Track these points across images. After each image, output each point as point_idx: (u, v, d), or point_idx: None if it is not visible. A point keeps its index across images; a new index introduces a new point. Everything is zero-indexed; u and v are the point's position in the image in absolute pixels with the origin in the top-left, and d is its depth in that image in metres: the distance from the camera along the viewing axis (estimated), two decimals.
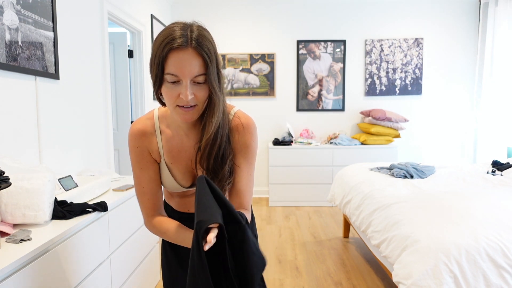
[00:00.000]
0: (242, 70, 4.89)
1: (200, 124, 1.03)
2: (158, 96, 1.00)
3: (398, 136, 4.63)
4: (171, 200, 1.20)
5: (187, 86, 0.90)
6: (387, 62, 4.84)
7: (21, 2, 1.79)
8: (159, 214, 1.10)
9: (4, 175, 1.25)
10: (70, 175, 1.79)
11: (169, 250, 1.22)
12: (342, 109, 4.92)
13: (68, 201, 1.59)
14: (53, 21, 2.08)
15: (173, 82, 0.92)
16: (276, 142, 4.69)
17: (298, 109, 4.94)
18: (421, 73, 4.83)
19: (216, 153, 1.01)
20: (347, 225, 3.45)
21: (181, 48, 0.89)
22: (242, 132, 1.06)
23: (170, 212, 1.21)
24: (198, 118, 1.01)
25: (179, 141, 1.08)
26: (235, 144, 1.06)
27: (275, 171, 4.56)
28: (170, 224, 1.05)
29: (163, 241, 1.26)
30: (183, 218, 1.17)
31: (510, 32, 4.22)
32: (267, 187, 5.03)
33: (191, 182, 1.11)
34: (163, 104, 1.03)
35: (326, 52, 4.86)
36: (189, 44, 0.89)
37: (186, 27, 0.92)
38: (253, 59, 4.88)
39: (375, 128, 4.53)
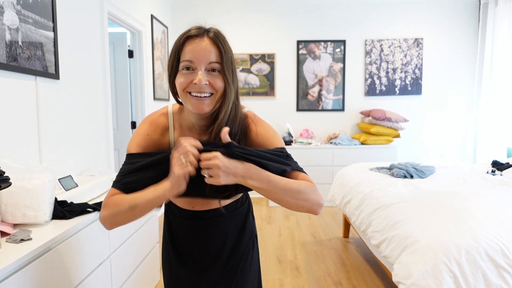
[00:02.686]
0: (242, 70, 4.89)
1: (213, 125, 1.02)
2: (173, 90, 1.01)
3: (398, 136, 4.63)
4: (176, 198, 1.20)
5: (201, 72, 0.93)
6: (387, 62, 4.84)
7: (21, 2, 1.79)
8: None
9: (4, 175, 1.25)
10: (70, 175, 1.79)
11: (171, 249, 1.22)
12: (342, 109, 4.93)
13: (68, 201, 1.59)
14: (53, 21, 2.08)
15: (188, 69, 0.94)
16: None
17: (298, 109, 4.94)
18: (421, 73, 4.84)
19: None
20: (347, 225, 3.45)
21: (197, 36, 0.94)
22: (256, 128, 1.04)
23: (174, 210, 1.21)
24: (211, 120, 1.01)
25: None
26: (257, 141, 1.03)
27: None
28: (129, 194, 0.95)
29: (164, 239, 1.26)
30: (188, 216, 1.17)
31: (510, 32, 4.22)
32: None
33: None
34: (179, 102, 1.05)
35: (326, 52, 4.86)
36: (205, 34, 0.95)
37: (203, 27, 0.98)
38: (253, 59, 4.88)
39: (375, 128, 4.53)
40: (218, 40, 0.94)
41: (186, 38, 0.95)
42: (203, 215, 1.16)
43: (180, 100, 1.02)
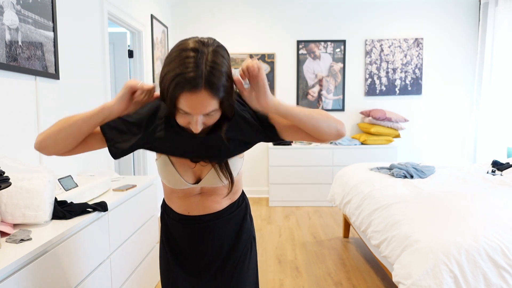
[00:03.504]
0: None
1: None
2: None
3: (398, 136, 4.63)
4: (171, 202, 1.19)
5: (197, 121, 0.88)
6: (387, 62, 4.84)
7: (21, 2, 1.79)
8: None
9: (4, 175, 1.25)
10: (70, 175, 1.79)
11: (168, 251, 1.21)
12: (342, 109, 4.92)
13: (68, 201, 1.59)
14: (53, 21, 2.08)
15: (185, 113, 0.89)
16: (276, 142, 4.69)
17: None
18: (421, 73, 4.84)
19: None
20: (347, 225, 3.45)
21: (192, 91, 0.84)
22: None
23: (170, 213, 1.20)
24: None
25: None
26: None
27: (275, 171, 4.56)
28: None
29: (161, 241, 1.25)
30: (183, 220, 1.16)
31: (510, 32, 4.22)
32: (267, 187, 5.03)
33: (194, 180, 1.10)
34: None
35: (326, 52, 4.86)
36: (201, 86, 0.84)
37: (199, 57, 0.84)
38: None
39: (375, 128, 4.53)
40: (215, 87, 0.85)
41: (180, 91, 0.85)
42: (198, 219, 1.15)
43: None
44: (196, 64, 0.83)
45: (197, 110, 0.86)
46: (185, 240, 1.17)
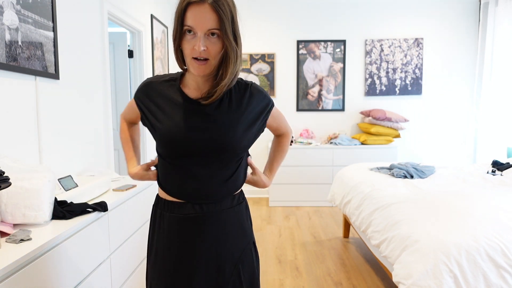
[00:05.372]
0: (242, 70, 4.89)
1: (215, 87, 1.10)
2: (177, 54, 1.08)
3: (398, 136, 4.63)
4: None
5: (200, 38, 0.99)
6: (387, 62, 4.84)
7: (21, 2, 1.79)
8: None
9: (4, 175, 1.25)
10: (70, 175, 1.79)
11: (160, 261, 1.14)
12: (342, 109, 4.93)
13: (68, 201, 1.59)
14: (53, 21, 2.08)
15: (190, 33, 1.01)
16: None
17: (298, 109, 4.94)
18: (421, 73, 4.84)
19: None
20: (347, 225, 3.45)
21: (199, 2, 0.98)
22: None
23: (165, 211, 1.14)
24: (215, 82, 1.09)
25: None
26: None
27: None
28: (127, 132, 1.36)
29: (150, 249, 1.19)
30: (178, 212, 1.11)
31: (510, 32, 4.22)
32: None
33: None
34: (180, 64, 1.11)
35: (326, 52, 4.86)
36: (206, 0, 0.98)
37: None
38: (253, 59, 4.88)
39: (375, 128, 4.53)
40: (218, 6, 0.99)
41: (187, 4, 0.99)
42: (194, 218, 1.10)
43: (184, 66, 1.11)
44: None
45: (200, 23, 0.99)
46: (181, 242, 1.11)
